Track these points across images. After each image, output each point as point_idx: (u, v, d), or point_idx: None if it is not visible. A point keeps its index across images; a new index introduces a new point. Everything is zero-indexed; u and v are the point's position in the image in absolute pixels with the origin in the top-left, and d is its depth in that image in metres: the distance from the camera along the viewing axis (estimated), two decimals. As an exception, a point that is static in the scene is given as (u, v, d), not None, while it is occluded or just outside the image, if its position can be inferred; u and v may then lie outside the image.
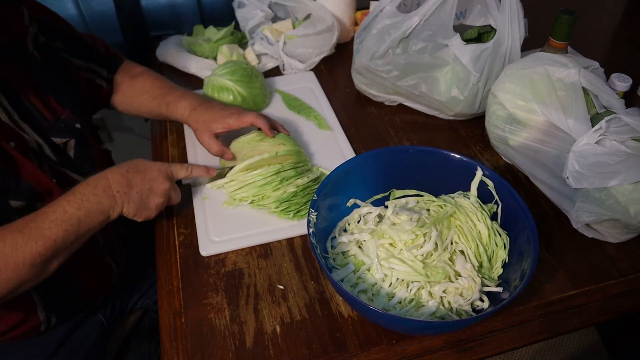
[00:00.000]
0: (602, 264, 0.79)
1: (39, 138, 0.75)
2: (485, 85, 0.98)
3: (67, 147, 0.81)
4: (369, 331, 0.70)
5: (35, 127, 0.75)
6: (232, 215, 0.86)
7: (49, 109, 0.78)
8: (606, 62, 0.93)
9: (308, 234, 0.69)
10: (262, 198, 0.86)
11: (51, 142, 0.78)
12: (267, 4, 1.27)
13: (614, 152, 0.74)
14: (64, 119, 0.80)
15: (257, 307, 0.74)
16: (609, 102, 0.81)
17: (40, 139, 0.76)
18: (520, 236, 0.71)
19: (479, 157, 0.98)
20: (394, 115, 1.09)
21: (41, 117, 0.77)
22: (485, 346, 0.70)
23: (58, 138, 0.79)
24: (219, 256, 0.81)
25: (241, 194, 0.87)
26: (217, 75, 1.06)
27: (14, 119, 0.72)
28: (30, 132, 0.74)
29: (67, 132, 0.80)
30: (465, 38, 1.00)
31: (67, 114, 0.81)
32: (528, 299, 0.74)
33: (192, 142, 1.01)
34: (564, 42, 0.95)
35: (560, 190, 0.82)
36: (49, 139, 0.77)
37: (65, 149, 0.80)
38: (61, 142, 0.80)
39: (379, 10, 1.01)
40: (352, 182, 0.79)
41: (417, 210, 0.76)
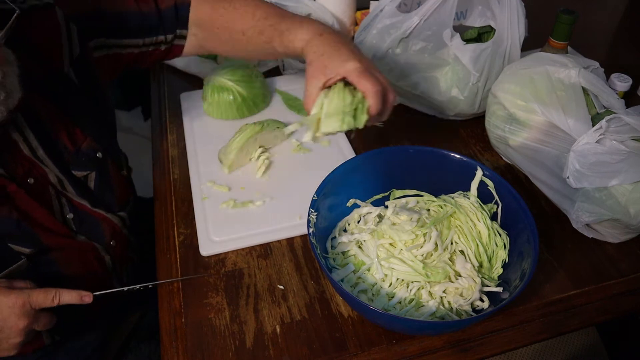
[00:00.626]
0: (602, 264, 0.79)
1: (60, 173, 0.73)
2: (485, 85, 0.98)
3: (87, 179, 0.79)
4: (369, 331, 0.70)
5: (58, 160, 0.73)
6: (232, 215, 0.86)
7: (71, 140, 0.75)
8: (606, 62, 0.93)
9: (308, 234, 0.69)
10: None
11: (72, 175, 0.76)
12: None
13: (614, 151, 0.74)
14: (84, 149, 0.77)
15: (257, 307, 0.74)
16: (609, 102, 0.81)
17: (61, 174, 0.74)
18: (520, 236, 0.71)
19: (479, 157, 0.98)
20: (394, 115, 1.08)
21: (64, 149, 0.74)
22: (485, 346, 0.70)
23: (78, 171, 0.77)
24: (219, 256, 0.81)
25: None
26: (217, 75, 1.06)
27: (38, 155, 0.70)
28: (52, 166, 0.72)
29: (87, 165, 0.78)
30: (465, 38, 1.00)
31: (88, 142, 0.77)
32: (528, 299, 0.74)
33: (192, 142, 1.01)
34: (564, 42, 0.95)
35: (560, 190, 0.82)
36: (69, 173, 0.75)
37: (85, 181, 0.79)
38: (81, 175, 0.77)
39: (379, 10, 1.01)
40: (352, 182, 0.79)
41: (417, 210, 0.76)
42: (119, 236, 0.85)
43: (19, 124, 0.68)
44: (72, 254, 0.77)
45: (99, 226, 0.81)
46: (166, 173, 0.96)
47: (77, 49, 0.75)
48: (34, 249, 0.71)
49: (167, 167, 0.97)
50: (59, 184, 0.74)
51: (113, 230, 0.83)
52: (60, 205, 0.75)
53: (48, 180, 0.73)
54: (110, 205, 0.83)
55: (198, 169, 0.96)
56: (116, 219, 0.84)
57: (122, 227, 0.86)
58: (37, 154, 0.70)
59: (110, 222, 0.83)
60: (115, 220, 0.84)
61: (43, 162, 0.71)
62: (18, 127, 0.68)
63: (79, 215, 0.78)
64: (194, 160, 0.97)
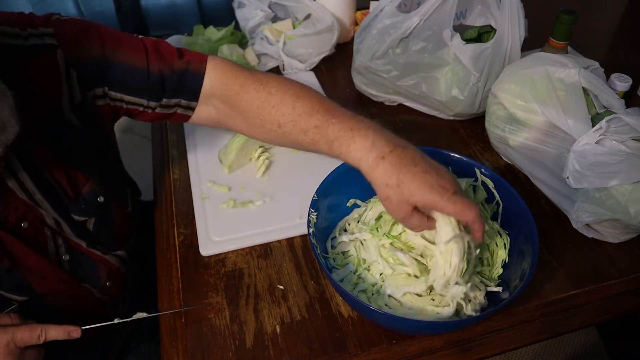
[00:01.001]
0: (602, 264, 0.79)
1: (58, 216, 0.70)
2: (485, 85, 0.98)
3: (86, 223, 0.75)
4: (369, 331, 0.70)
5: (56, 205, 0.69)
6: (232, 215, 0.86)
7: (71, 185, 0.71)
8: (606, 62, 0.93)
9: (308, 234, 0.69)
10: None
11: (71, 219, 0.72)
12: (267, 4, 1.27)
13: (614, 152, 0.74)
14: (85, 193, 0.73)
15: (257, 307, 0.74)
16: (609, 102, 0.81)
17: (59, 217, 0.70)
18: (520, 236, 0.71)
19: (479, 157, 0.98)
20: (394, 115, 1.09)
21: (63, 194, 0.70)
22: (485, 346, 0.70)
23: (78, 217, 0.73)
24: (219, 256, 0.81)
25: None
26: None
27: (35, 199, 0.67)
28: (50, 209, 0.69)
29: (87, 212, 0.74)
30: (465, 38, 1.00)
31: (90, 185, 0.73)
32: (528, 299, 0.74)
33: (192, 143, 1.01)
34: (564, 42, 0.95)
35: (560, 190, 0.82)
36: (68, 217, 0.72)
37: (84, 224, 0.75)
38: (80, 220, 0.74)
39: (379, 10, 1.01)
40: (352, 182, 0.79)
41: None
42: (115, 276, 0.81)
43: (14, 169, 0.64)
44: (66, 298, 0.75)
45: (95, 267, 0.78)
46: (166, 173, 0.96)
47: (78, 95, 0.70)
48: (26, 297, 0.69)
49: (167, 167, 0.97)
50: (56, 225, 0.71)
51: (110, 270, 0.80)
52: (56, 247, 0.72)
53: (44, 222, 0.69)
54: (108, 245, 0.80)
55: (198, 169, 0.96)
56: (113, 259, 0.81)
57: (120, 266, 0.83)
58: (34, 198, 0.67)
59: (107, 262, 0.80)
60: (113, 261, 0.81)
61: (40, 206, 0.68)
62: (13, 172, 0.64)
63: (75, 257, 0.75)
64: (194, 160, 0.98)
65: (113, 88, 0.73)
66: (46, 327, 0.63)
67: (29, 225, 0.67)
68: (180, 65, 0.73)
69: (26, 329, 0.62)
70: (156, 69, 0.72)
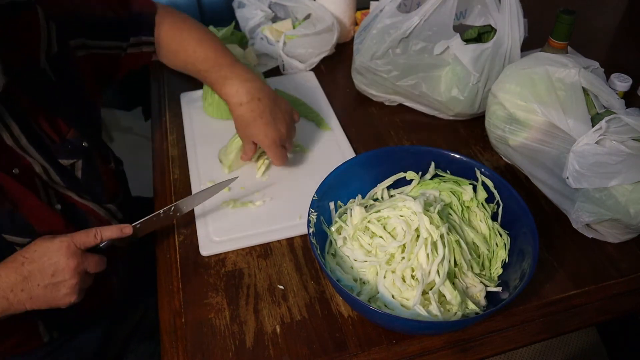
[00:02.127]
0: (602, 264, 0.79)
1: (45, 162, 0.73)
2: (485, 85, 0.98)
3: (74, 168, 0.78)
4: (369, 331, 0.70)
5: (42, 150, 0.73)
6: (232, 215, 0.86)
7: (55, 131, 0.75)
8: (606, 62, 0.93)
9: (308, 234, 0.69)
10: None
11: (58, 164, 0.75)
12: (267, 4, 1.27)
13: (614, 152, 0.74)
14: (70, 139, 0.77)
15: (257, 307, 0.74)
16: (609, 102, 0.81)
17: (46, 163, 0.73)
18: (520, 236, 0.71)
19: (479, 157, 0.98)
20: (394, 115, 1.09)
21: (48, 139, 0.74)
22: (485, 346, 0.70)
23: (65, 159, 0.76)
24: (219, 256, 0.81)
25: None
26: (217, 75, 1.06)
27: (20, 144, 0.70)
28: (37, 155, 0.72)
29: (74, 153, 0.78)
30: (465, 38, 1.00)
31: (72, 133, 0.77)
32: (528, 299, 0.74)
33: (192, 143, 1.01)
34: (564, 42, 0.95)
35: (560, 190, 0.82)
36: (55, 162, 0.75)
37: (72, 170, 0.78)
38: (68, 163, 0.77)
39: (379, 10, 1.01)
40: (352, 182, 0.79)
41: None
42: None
43: (0, 115, 0.68)
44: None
45: (85, 218, 0.80)
46: (166, 173, 0.96)
47: (55, 46, 0.76)
48: (28, 239, 0.70)
49: (167, 167, 0.97)
50: (45, 173, 0.73)
51: (100, 222, 0.82)
52: (47, 197, 0.74)
53: (34, 172, 0.72)
54: (98, 196, 0.82)
55: (198, 169, 0.96)
56: (103, 211, 0.83)
57: (111, 219, 0.85)
58: (20, 143, 0.70)
59: (97, 214, 0.82)
60: (102, 213, 0.83)
61: (27, 152, 0.71)
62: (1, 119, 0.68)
63: (67, 207, 0.77)
64: (194, 160, 0.97)
65: (90, 37, 0.84)
66: (101, 228, 0.70)
67: (20, 172, 0.70)
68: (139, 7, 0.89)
69: (82, 232, 0.69)
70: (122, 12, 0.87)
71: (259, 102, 0.85)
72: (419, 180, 0.80)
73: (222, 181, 0.84)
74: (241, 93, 0.85)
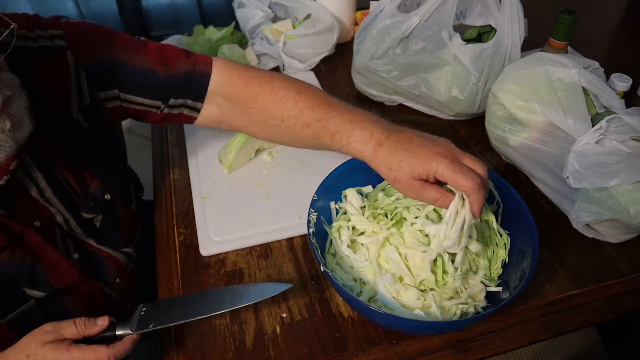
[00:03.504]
0: (602, 264, 0.79)
1: (68, 213, 0.71)
2: (485, 85, 0.98)
3: (94, 220, 0.76)
4: (369, 331, 0.70)
5: (65, 201, 0.70)
6: (232, 215, 0.86)
7: (79, 183, 0.72)
8: (606, 62, 0.93)
9: (308, 234, 0.69)
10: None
11: (79, 216, 0.73)
12: (267, 4, 1.27)
13: (614, 151, 0.74)
14: (93, 192, 0.74)
15: (257, 307, 0.74)
16: (609, 102, 0.81)
17: (68, 214, 0.71)
18: (520, 236, 0.71)
19: (479, 157, 0.98)
20: (394, 115, 1.09)
21: (72, 192, 0.72)
22: (485, 346, 0.70)
23: (86, 214, 0.74)
24: (219, 256, 0.81)
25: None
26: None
27: (45, 196, 0.68)
28: (60, 207, 0.70)
29: (95, 209, 0.75)
30: (465, 38, 1.00)
31: (96, 184, 0.74)
32: (528, 299, 0.74)
33: (192, 143, 1.01)
34: (564, 42, 0.95)
35: (560, 190, 0.82)
36: (77, 214, 0.73)
37: (92, 221, 0.76)
38: (89, 217, 0.75)
39: (379, 10, 1.01)
40: (352, 182, 0.79)
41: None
42: (124, 273, 0.82)
43: (26, 166, 0.66)
44: (80, 295, 0.75)
45: (103, 265, 0.79)
46: (166, 173, 0.96)
47: (87, 97, 0.72)
48: (45, 292, 0.69)
49: (167, 167, 0.98)
50: (65, 224, 0.72)
51: (118, 267, 0.81)
52: (65, 246, 0.72)
53: (54, 221, 0.70)
54: (116, 242, 0.81)
55: (198, 169, 0.96)
56: (121, 256, 0.81)
57: (128, 263, 0.83)
58: (45, 195, 0.68)
59: (116, 259, 0.80)
60: (121, 258, 0.81)
61: (51, 203, 0.69)
62: (26, 170, 0.66)
63: (85, 255, 0.75)
64: (194, 160, 0.98)
65: (124, 90, 0.74)
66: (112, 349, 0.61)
67: (41, 224, 0.68)
68: (187, 66, 0.75)
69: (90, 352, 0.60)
70: (165, 71, 0.74)
71: (401, 132, 0.65)
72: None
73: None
74: (378, 132, 0.65)
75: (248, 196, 0.90)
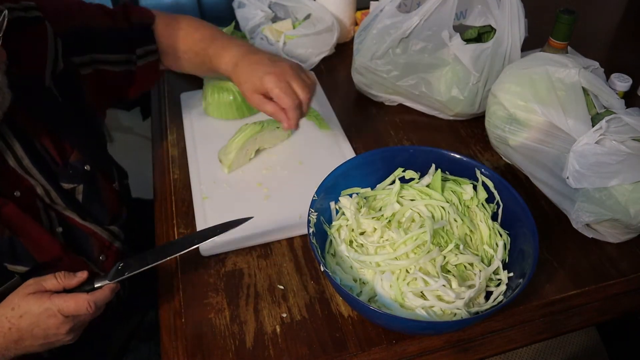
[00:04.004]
0: (602, 264, 0.79)
1: (47, 183, 0.72)
2: (485, 85, 0.98)
3: (75, 191, 0.77)
4: (369, 331, 0.70)
5: (45, 171, 0.72)
6: (232, 216, 0.86)
7: (59, 152, 0.74)
8: (606, 62, 0.93)
9: (308, 235, 0.69)
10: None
11: (59, 187, 0.74)
12: (267, 4, 1.27)
13: (614, 152, 0.74)
14: (72, 162, 0.76)
15: (257, 307, 0.74)
16: (609, 102, 0.81)
17: (48, 185, 0.72)
18: (520, 236, 0.71)
19: (479, 157, 0.98)
20: (394, 115, 1.09)
21: (51, 161, 0.73)
22: (485, 346, 0.70)
23: (66, 183, 0.75)
24: (219, 256, 0.81)
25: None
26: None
27: (23, 165, 0.69)
28: (39, 177, 0.71)
29: (75, 178, 0.77)
30: (465, 38, 1.00)
31: (75, 155, 0.77)
32: (528, 299, 0.74)
33: (192, 143, 1.01)
34: (564, 42, 0.95)
35: (560, 190, 0.82)
36: (57, 184, 0.74)
37: (73, 193, 0.77)
38: (69, 187, 0.76)
39: (379, 10, 1.01)
40: (352, 182, 0.79)
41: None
42: (108, 251, 0.82)
43: (3, 134, 0.67)
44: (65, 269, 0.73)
45: (87, 241, 0.79)
46: (166, 173, 0.96)
47: (61, 63, 0.76)
48: (28, 267, 0.69)
49: (167, 167, 0.98)
50: (47, 196, 0.73)
51: (102, 245, 0.81)
52: (49, 219, 0.73)
53: (35, 193, 0.71)
54: (100, 218, 0.81)
55: (198, 169, 0.96)
56: (106, 233, 0.81)
57: (113, 241, 0.83)
58: (22, 164, 0.69)
59: (99, 237, 0.80)
60: (105, 235, 0.81)
61: (29, 173, 0.70)
62: (3, 137, 0.67)
63: (68, 229, 0.76)
64: (194, 160, 0.97)
65: (98, 50, 0.83)
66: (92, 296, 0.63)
67: (21, 195, 0.69)
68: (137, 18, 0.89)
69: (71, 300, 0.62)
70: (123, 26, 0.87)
71: (255, 54, 0.83)
72: (418, 180, 0.80)
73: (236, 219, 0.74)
74: (238, 55, 0.83)
75: (248, 196, 0.90)
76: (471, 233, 0.74)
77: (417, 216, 0.74)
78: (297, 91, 0.78)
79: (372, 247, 0.72)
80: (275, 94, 0.77)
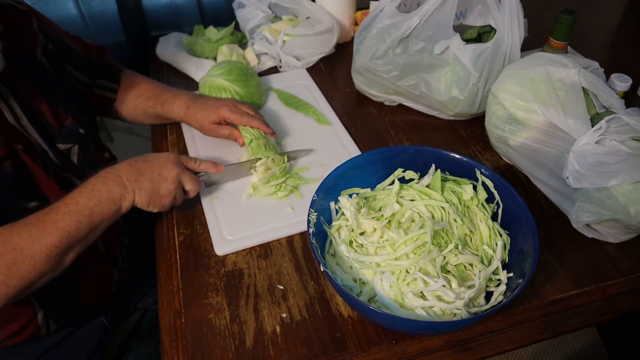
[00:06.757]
0: (602, 264, 0.79)
1: (44, 143, 0.76)
2: (485, 85, 0.98)
3: (70, 152, 0.81)
4: (369, 331, 0.70)
5: (41, 131, 0.76)
6: (243, 215, 0.86)
7: (54, 116, 0.79)
8: (606, 62, 0.93)
9: (308, 235, 0.69)
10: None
11: (55, 147, 0.78)
12: (267, 5, 1.27)
13: (614, 151, 0.74)
14: (67, 125, 0.81)
15: (257, 307, 0.74)
16: (609, 102, 0.81)
17: (45, 144, 0.76)
18: (520, 236, 0.71)
19: (479, 157, 0.98)
20: (394, 115, 1.09)
21: (47, 123, 0.77)
22: (485, 346, 0.70)
23: (62, 144, 0.79)
24: (219, 256, 0.81)
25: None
26: (213, 75, 1.06)
27: (22, 123, 0.73)
28: (36, 136, 0.75)
29: (71, 138, 0.81)
30: (465, 38, 1.00)
31: (70, 120, 0.81)
32: (528, 299, 0.74)
33: (192, 142, 1.01)
34: (564, 42, 0.95)
35: (560, 190, 0.82)
36: (53, 145, 0.78)
37: (69, 154, 0.81)
38: (65, 147, 0.80)
39: (379, 10, 1.01)
40: (352, 182, 0.79)
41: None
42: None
43: (2, 94, 0.70)
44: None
45: None
46: (166, 173, 0.96)
47: (49, 45, 0.83)
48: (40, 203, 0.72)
49: (167, 167, 0.97)
50: (44, 154, 0.76)
51: None
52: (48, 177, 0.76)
53: (34, 151, 0.74)
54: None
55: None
56: None
57: None
58: (21, 122, 0.73)
59: None
60: None
61: (27, 131, 0.73)
62: (3, 97, 0.70)
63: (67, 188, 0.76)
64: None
65: (69, 62, 0.90)
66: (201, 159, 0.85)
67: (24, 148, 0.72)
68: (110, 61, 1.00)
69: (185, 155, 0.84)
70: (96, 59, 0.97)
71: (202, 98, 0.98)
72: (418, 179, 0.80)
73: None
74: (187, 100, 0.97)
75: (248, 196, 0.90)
76: (471, 233, 0.74)
77: (417, 216, 0.74)
78: (247, 111, 0.96)
79: (372, 247, 0.72)
80: (234, 118, 0.93)
